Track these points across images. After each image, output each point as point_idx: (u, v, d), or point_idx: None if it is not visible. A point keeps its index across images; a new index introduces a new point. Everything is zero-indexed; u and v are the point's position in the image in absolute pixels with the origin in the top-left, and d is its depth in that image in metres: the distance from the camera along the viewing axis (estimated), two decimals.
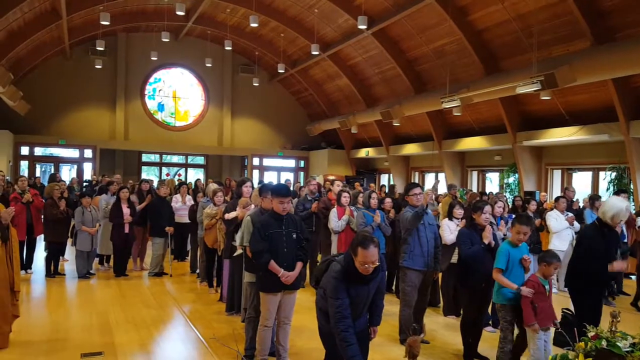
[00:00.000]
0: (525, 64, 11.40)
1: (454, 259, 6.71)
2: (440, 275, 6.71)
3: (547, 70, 9.95)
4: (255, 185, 6.95)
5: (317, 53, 16.30)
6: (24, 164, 20.01)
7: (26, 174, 18.22)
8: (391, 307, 7.07)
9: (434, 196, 10.12)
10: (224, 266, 6.87)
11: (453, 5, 12.38)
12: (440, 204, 10.26)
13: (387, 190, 13.81)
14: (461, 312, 5.69)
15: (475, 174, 16.89)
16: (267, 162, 23.62)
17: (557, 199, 8.50)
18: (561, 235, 8.10)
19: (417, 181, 19.09)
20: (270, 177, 22.80)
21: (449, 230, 6.58)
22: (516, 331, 4.63)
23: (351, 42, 16.27)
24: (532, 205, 8.51)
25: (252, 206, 5.91)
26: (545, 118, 12.83)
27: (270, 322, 4.61)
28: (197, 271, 8.79)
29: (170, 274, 8.91)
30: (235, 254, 6.09)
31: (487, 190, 14.58)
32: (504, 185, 14.62)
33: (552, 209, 8.46)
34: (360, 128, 19.78)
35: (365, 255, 3.36)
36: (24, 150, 19.85)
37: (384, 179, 21.54)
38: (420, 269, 5.52)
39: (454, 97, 12.57)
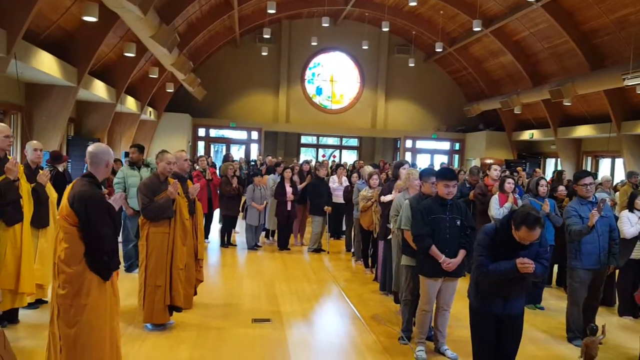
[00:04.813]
0: None
1: (635, 254, 6.03)
2: (617, 271, 6.04)
3: None
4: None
5: (479, 29, 15.43)
6: (201, 145, 22.49)
7: (203, 153, 20.45)
8: (558, 302, 6.65)
9: (610, 185, 9.06)
10: (378, 247, 7.00)
11: None
12: (618, 193, 9.16)
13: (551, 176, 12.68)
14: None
15: None
16: (420, 144, 23.27)
17: None
18: None
19: (589, 167, 17.22)
20: (423, 160, 22.43)
21: (629, 224, 5.92)
22: None
23: (518, 16, 15.06)
24: None
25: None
26: None
27: (429, 306, 4.60)
28: (352, 250, 9.09)
29: (328, 251, 9.36)
30: (389, 237, 6.17)
31: None
32: None
33: None
34: (525, 108, 18.35)
35: (528, 235, 3.40)
36: (201, 132, 22.26)
37: (550, 164, 19.80)
38: (590, 268, 5.05)
39: (639, 74, 10.99)
